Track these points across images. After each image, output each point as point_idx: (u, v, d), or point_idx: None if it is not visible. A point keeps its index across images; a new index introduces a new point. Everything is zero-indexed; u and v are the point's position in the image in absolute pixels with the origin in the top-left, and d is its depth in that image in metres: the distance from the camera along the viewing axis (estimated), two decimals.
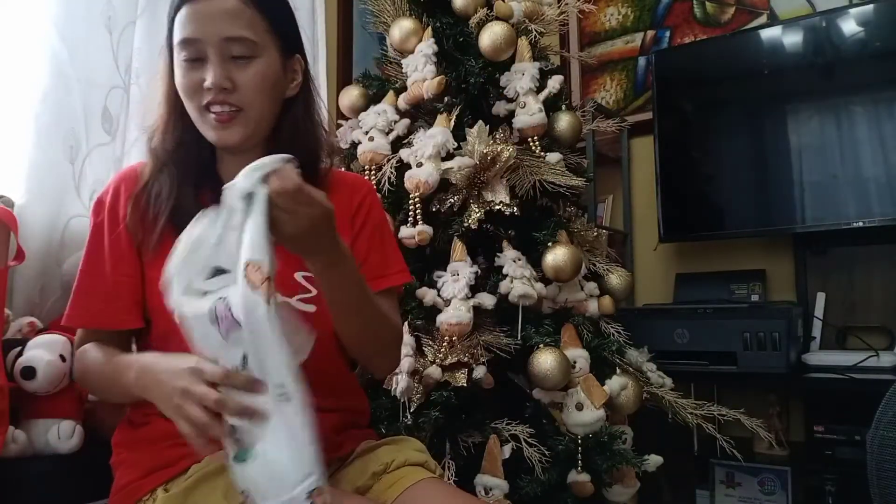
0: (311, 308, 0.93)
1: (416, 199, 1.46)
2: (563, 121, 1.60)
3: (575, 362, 1.43)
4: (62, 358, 1.17)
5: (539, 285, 1.45)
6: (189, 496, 0.81)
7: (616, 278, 1.69)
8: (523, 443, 1.35)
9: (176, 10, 0.90)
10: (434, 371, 1.35)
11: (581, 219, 1.71)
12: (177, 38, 0.89)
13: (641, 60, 2.42)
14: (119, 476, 0.91)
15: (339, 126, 1.78)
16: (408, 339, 1.36)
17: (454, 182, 1.46)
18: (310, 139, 0.99)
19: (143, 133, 0.98)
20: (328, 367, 0.95)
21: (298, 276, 0.94)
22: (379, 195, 1.43)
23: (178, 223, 0.85)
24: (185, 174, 0.93)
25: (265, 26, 0.90)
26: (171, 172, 0.93)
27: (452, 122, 1.53)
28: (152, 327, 0.94)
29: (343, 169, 1.66)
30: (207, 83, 0.87)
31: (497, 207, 1.46)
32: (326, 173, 1.02)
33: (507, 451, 1.35)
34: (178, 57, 0.89)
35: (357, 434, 0.98)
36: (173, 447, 0.85)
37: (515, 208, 1.48)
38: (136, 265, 0.93)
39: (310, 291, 0.94)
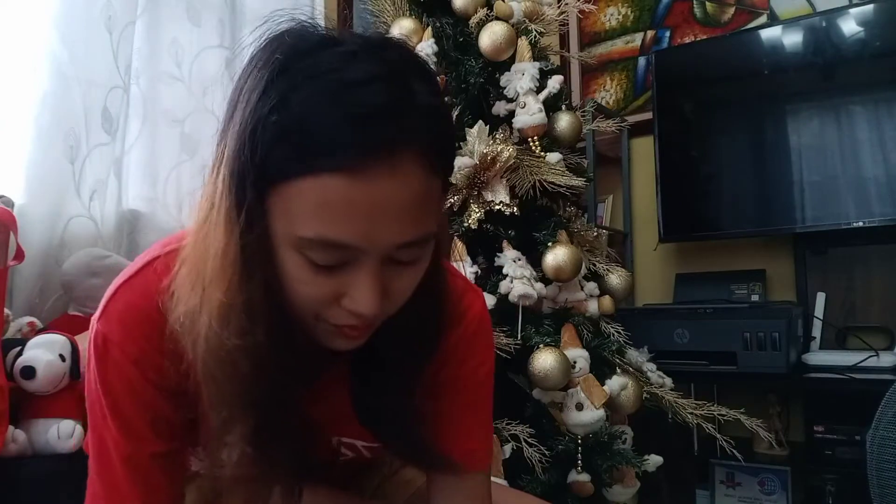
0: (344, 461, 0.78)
1: None
2: (563, 121, 1.60)
3: (575, 362, 1.42)
4: (62, 358, 1.17)
5: (539, 285, 1.45)
6: None
7: (616, 278, 1.69)
8: (523, 443, 1.35)
9: (291, 168, 0.50)
10: None
11: (581, 219, 1.71)
12: (303, 227, 0.51)
13: (641, 60, 2.42)
14: None
15: None
16: None
17: (454, 182, 1.46)
18: (427, 292, 0.62)
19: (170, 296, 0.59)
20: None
21: (336, 441, 0.75)
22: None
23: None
24: (278, 428, 0.60)
25: (443, 195, 0.58)
26: (266, 440, 0.59)
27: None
28: None
29: None
30: (357, 309, 0.54)
31: (497, 207, 1.46)
32: (445, 318, 0.67)
33: (507, 451, 1.35)
34: (300, 248, 0.52)
35: None
36: None
37: (515, 208, 1.48)
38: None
39: (345, 455, 0.76)
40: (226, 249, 0.54)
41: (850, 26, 1.90)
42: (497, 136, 1.53)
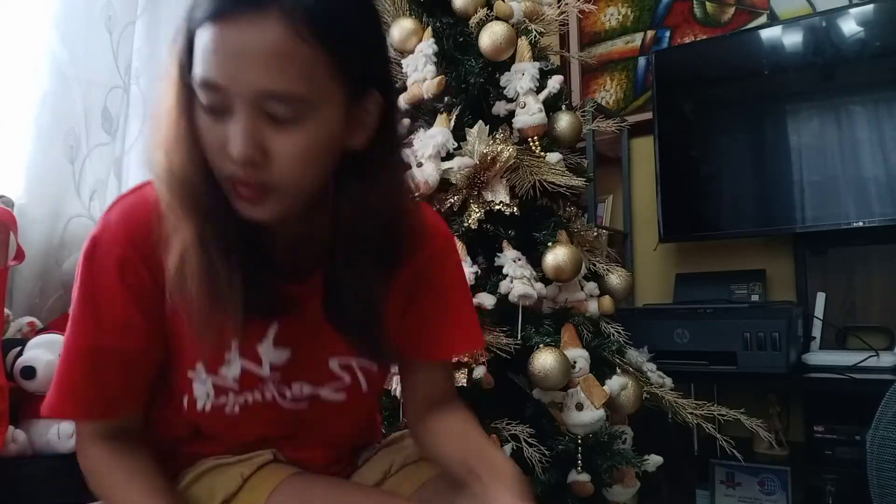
0: (342, 396, 0.82)
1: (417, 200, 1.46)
2: (563, 121, 1.60)
3: (575, 362, 1.42)
4: None
5: (539, 285, 1.45)
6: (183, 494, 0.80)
7: (616, 278, 1.69)
8: (523, 443, 1.35)
9: (198, 21, 0.61)
10: None
11: (581, 219, 1.71)
12: (196, 70, 0.62)
13: (641, 60, 2.42)
14: None
15: None
16: None
17: (454, 182, 1.46)
18: (385, 210, 0.71)
19: (148, 161, 0.70)
20: (355, 437, 0.92)
21: (334, 363, 0.80)
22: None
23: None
24: (220, 239, 0.66)
25: (329, 70, 0.62)
26: (210, 243, 0.66)
27: (452, 122, 1.53)
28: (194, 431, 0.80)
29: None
30: (230, 151, 0.61)
31: (497, 207, 1.46)
32: (409, 237, 0.76)
33: (507, 451, 1.35)
34: (198, 94, 0.63)
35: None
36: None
37: (515, 208, 1.48)
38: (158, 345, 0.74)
39: (342, 380, 0.81)
40: (172, 101, 0.65)
41: (850, 26, 1.90)
42: (497, 136, 1.53)
